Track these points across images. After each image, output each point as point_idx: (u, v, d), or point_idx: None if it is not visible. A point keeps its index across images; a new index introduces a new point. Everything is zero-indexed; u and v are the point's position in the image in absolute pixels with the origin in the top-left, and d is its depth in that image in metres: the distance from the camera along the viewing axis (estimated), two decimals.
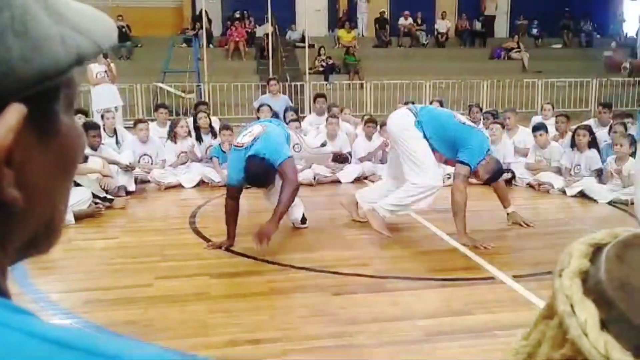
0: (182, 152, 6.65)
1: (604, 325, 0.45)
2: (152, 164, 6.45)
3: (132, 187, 5.89)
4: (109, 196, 5.33)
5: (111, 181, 5.51)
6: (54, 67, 0.33)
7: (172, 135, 6.68)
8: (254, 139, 3.92)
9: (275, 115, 7.50)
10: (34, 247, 0.40)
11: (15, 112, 0.32)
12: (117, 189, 5.57)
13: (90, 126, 5.78)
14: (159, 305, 3.16)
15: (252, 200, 5.02)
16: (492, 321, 2.94)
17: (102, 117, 7.06)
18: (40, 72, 0.33)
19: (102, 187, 5.38)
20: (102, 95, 8.32)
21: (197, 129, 6.85)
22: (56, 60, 0.34)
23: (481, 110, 8.20)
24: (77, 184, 5.01)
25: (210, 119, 7.13)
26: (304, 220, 4.64)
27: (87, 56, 0.36)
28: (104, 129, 6.96)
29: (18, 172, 0.34)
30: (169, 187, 6.24)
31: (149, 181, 6.34)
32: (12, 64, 0.31)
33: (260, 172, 3.82)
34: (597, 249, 0.50)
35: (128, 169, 5.91)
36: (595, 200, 5.56)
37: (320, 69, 13.72)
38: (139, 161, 6.43)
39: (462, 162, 4.12)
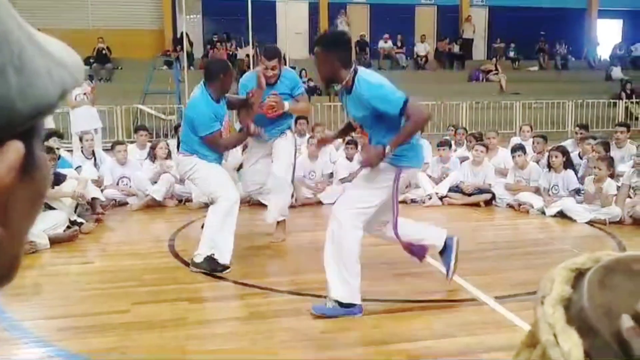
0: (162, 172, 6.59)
1: (588, 354, 0.43)
2: (130, 186, 6.37)
3: (102, 197, 5.80)
4: (78, 220, 5.23)
5: (85, 196, 5.41)
6: (46, 102, 0.34)
7: (152, 155, 6.63)
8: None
9: None
10: None
11: (15, 149, 0.32)
12: (88, 207, 5.50)
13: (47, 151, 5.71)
14: (136, 332, 3.07)
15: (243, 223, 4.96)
16: (475, 343, 2.91)
17: (81, 139, 6.99)
18: (35, 107, 0.33)
19: (77, 201, 5.27)
20: (81, 117, 8.25)
21: None
22: (47, 95, 0.34)
23: (466, 132, 8.29)
24: (51, 207, 4.92)
25: None
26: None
27: (69, 89, 0.37)
28: (82, 151, 6.88)
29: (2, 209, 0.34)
30: (149, 206, 6.17)
31: (127, 203, 6.26)
32: (12, 100, 0.31)
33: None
34: (579, 274, 0.49)
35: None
36: (574, 220, 5.62)
37: None
38: (117, 183, 6.35)
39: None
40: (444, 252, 3.65)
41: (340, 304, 3.21)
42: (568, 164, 6.08)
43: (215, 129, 4.04)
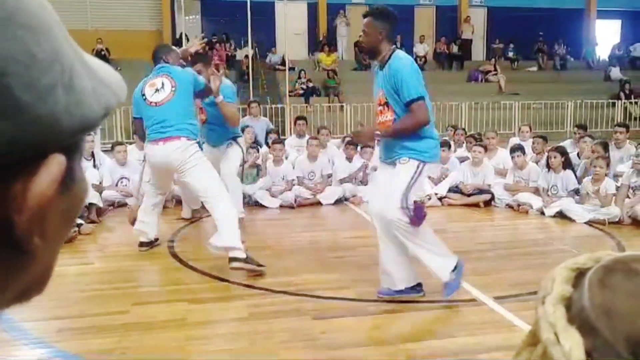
0: None
1: (589, 354, 0.44)
2: (129, 187, 6.37)
3: (100, 203, 5.81)
4: (78, 220, 5.22)
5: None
6: (91, 119, 0.36)
7: None
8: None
9: (255, 137, 7.51)
10: (25, 296, 0.41)
11: (58, 163, 0.34)
12: (86, 210, 5.51)
13: None
14: (135, 333, 3.07)
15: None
16: (475, 344, 2.91)
17: None
18: (80, 124, 0.35)
19: None
20: None
21: None
22: (92, 113, 0.36)
23: (465, 133, 8.29)
24: None
25: None
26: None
27: (112, 108, 0.38)
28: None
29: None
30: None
31: (126, 204, 6.26)
32: (58, 117, 0.33)
33: None
34: (580, 273, 0.49)
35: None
36: (573, 220, 5.62)
37: (301, 91, 13.80)
38: (116, 184, 6.35)
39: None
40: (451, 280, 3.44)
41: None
42: (567, 164, 6.09)
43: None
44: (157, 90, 4.20)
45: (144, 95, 4.25)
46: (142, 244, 4.58)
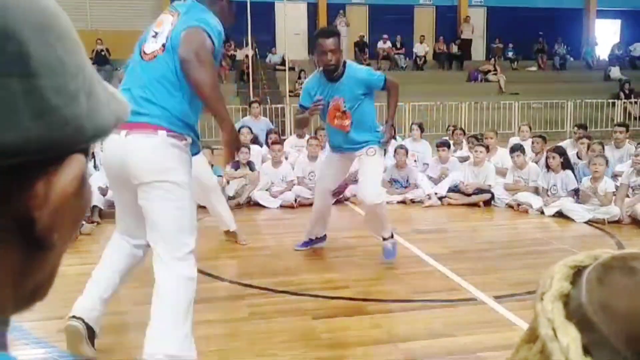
0: None
1: (587, 349, 0.44)
2: None
3: (102, 205, 5.82)
4: None
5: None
6: (106, 127, 0.39)
7: None
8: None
9: (255, 137, 7.51)
10: (36, 297, 0.42)
11: (79, 162, 0.37)
12: (89, 212, 5.49)
13: None
14: (135, 333, 3.07)
15: (242, 224, 4.97)
16: (474, 343, 2.92)
17: None
18: (97, 130, 0.38)
19: None
20: None
21: None
22: (106, 120, 0.39)
23: (464, 133, 8.29)
24: None
25: None
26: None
27: (122, 120, 0.42)
28: None
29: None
30: None
31: None
32: (82, 121, 0.37)
33: None
34: (578, 271, 0.50)
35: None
36: (573, 220, 5.62)
37: (301, 91, 13.81)
38: None
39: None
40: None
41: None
42: (566, 164, 6.09)
43: None
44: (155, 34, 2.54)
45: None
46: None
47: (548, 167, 6.11)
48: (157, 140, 2.34)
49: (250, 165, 6.56)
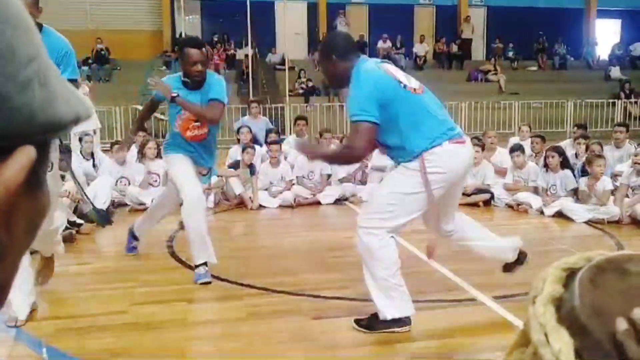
0: (152, 173, 6.49)
1: (579, 354, 0.44)
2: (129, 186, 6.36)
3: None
4: (78, 220, 5.22)
5: (84, 205, 5.41)
6: (62, 121, 0.37)
7: (140, 154, 6.56)
8: None
9: (254, 137, 7.51)
10: None
11: (27, 153, 0.35)
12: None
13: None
14: (134, 333, 3.07)
15: (242, 223, 4.96)
16: (474, 344, 2.91)
17: (81, 140, 6.97)
18: (51, 123, 0.36)
19: (77, 210, 5.27)
20: None
21: None
22: (62, 114, 0.37)
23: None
24: None
25: None
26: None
27: (82, 119, 0.40)
28: (81, 152, 6.87)
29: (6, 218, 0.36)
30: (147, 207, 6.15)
31: (126, 204, 6.25)
32: (33, 111, 0.35)
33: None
34: (571, 273, 0.49)
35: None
36: (572, 220, 5.62)
37: (301, 91, 13.80)
38: (116, 184, 6.34)
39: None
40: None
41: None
42: (565, 164, 6.08)
43: None
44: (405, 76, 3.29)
45: (397, 79, 3.19)
46: None
47: (547, 166, 6.11)
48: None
49: (251, 168, 6.55)
